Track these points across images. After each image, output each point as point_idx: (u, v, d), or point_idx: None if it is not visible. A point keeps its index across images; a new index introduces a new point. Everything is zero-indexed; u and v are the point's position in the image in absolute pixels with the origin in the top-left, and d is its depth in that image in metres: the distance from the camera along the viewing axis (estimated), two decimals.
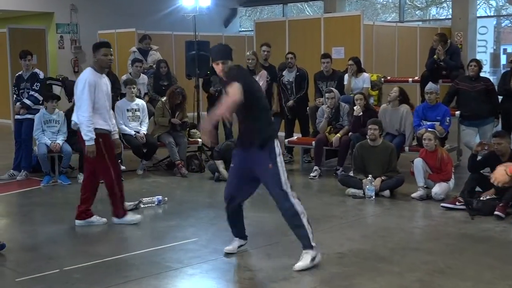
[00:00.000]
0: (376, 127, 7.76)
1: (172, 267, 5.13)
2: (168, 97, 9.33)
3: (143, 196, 7.42)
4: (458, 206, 6.83)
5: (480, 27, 17.11)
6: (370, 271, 4.96)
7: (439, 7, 22.59)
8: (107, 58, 6.29)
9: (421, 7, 22.58)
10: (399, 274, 4.88)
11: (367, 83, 9.67)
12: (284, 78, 9.90)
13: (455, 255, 5.35)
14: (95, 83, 6.16)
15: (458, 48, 10.65)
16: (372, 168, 7.70)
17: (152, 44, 12.03)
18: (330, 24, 12.30)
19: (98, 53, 6.31)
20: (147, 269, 5.08)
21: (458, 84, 8.97)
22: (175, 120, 9.27)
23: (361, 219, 6.74)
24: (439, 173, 7.48)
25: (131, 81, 9.52)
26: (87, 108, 6.09)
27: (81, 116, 6.15)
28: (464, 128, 8.99)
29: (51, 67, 15.70)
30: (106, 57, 6.29)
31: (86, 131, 6.11)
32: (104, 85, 6.33)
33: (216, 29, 19.31)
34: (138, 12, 18.39)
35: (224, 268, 5.17)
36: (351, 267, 5.07)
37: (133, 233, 6.22)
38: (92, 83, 6.15)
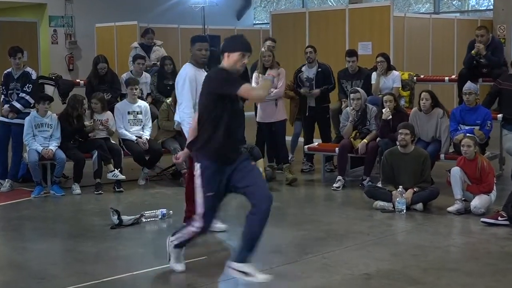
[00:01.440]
0: (407, 131, 7.75)
1: None
2: (174, 99, 9.35)
3: (146, 209, 7.44)
4: (501, 221, 6.80)
5: None
6: None
7: None
8: (200, 53, 6.67)
9: None
10: None
11: (398, 82, 9.65)
12: (303, 74, 9.89)
13: (498, 276, 5.33)
14: (195, 77, 6.52)
15: (501, 43, 10.62)
16: (403, 178, 7.68)
17: (156, 39, 12.09)
18: (356, 16, 12.30)
19: (193, 48, 6.73)
20: None
21: (501, 83, 8.94)
22: None
23: (390, 235, 6.72)
24: (479, 184, 7.44)
25: (133, 81, 9.58)
26: (187, 104, 6.48)
27: (182, 113, 6.51)
28: (506, 133, 8.95)
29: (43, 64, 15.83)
30: (200, 52, 6.68)
31: (187, 130, 6.27)
32: None
33: (227, 22, 19.37)
34: (140, 3, 18.50)
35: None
36: None
37: (134, 250, 6.25)
38: (193, 77, 6.55)
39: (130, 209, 7.54)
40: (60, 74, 11.15)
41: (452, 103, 11.89)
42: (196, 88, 6.38)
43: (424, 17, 15.17)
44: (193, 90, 6.47)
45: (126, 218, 7.03)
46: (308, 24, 12.84)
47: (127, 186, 8.95)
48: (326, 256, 5.86)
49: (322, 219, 7.26)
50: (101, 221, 7.20)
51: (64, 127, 8.84)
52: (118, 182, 8.81)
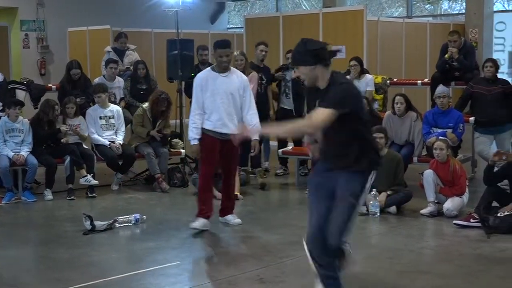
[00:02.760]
0: (381, 135, 7.79)
1: None
2: (151, 104, 9.30)
3: (119, 215, 7.40)
4: (473, 223, 6.86)
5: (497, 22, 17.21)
6: None
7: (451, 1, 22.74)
8: (221, 59, 6.79)
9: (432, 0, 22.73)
10: None
11: (371, 86, 9.71)
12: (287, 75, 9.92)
13: (470, 278, 5.38)
14: (203, 81, 6.81)
15: (473, 47, 10.73)
16: (377, 182, 7.71)
17: (129, 43, 12.03)
18: (330, 20, 12.36)
19: (215, 53, 6.86)
20: None
21: (473, 87, 9.03)
22: (155, 133, 9.26)
23: (364, 238, 6.75)
24: (451, 187, 7.51)
25: (99, 88, 9.45)
26: (192, 107, 6.89)
27: None
28: (478, 136, 9.04)
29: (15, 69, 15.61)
30: (221, 59, 6.79)
31: (189, 130, 6.85)
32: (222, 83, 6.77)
33: (201, 26, 19.35)
34: (113, 7, 18.41)
35: None
36: None
37: (107, 256, 6.21)
38: (199, 82, 6.85)
39: (103, 215, 7.49)
40: (31, 78, 11.06)
41: (425, 106, 11.99)
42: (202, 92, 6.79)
43: (397, 21, 15.28)
44: (198, 93, 6.84)
45: (99, 224, 6.98)
46: (282, 28, 12.88)
47: (100, 191, 8.90)
48: (300, 260, 5.85)
49: (296, 223, 7.27)
50: (74, 227, 7.14)
51: (36, 132, 8.77)
52: (91, 188, 8.75)
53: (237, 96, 6.85)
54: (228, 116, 6.80)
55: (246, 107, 6.90)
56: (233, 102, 6.83)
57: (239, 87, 6.86)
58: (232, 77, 6.88)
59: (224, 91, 6.79)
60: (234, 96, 6.83)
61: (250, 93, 6.99)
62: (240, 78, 6.94)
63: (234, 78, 6.90)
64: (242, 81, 6.94)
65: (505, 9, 19.77)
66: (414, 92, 11.85)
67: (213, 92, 6.78)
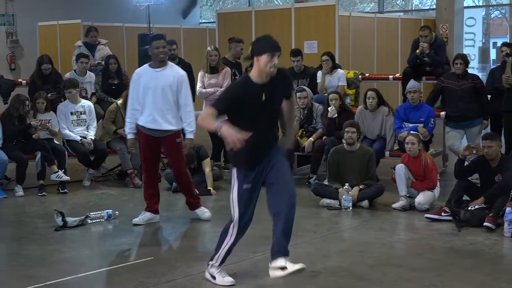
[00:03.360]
0: (353, 129, 7.84)
1: None
2: (125, 100, 9.25)
3: (91, 211, 7.36)
4: (444, 217, 6.93)
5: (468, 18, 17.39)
6: None
7: None
8: (158, 51, 6.65)
9: None
10: None
11: (343, 80, 9.76)
12: None
13: (441, 271, 5.43)
14: (137, 76, 6.76)
15: (444, 42, 10.81)
16: (349, 176, 7.77)
17: (100, 37, 11.96)
18: (302, 15, 12.38)
19: (151, 48, 6.70)
20: None
21: (444, 82, 9.11)
22: (122, 132, 9.19)
23: (337, 233, 6.80)
24: (423, 181, 7.58)
25: (69, 83, 9.36)
26: (128, 102, 6.89)
27: None
28: (449, 130, 9.12)
29: None
30: (157, 50, 6.65)
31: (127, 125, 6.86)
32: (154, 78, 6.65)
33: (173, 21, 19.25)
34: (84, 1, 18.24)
35: None
36: (326, 287, 5.12)
37: (79, 252, 6.18)
38: (134, 77, 6.81)
39: (75, 211, 7.45)
40: (1, 73, 10.94)
41: (397, 101, 12.07)
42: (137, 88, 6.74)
43: (369, 17, 15.36)
44: (133, 90, 6.79)
45: (71, 220, 6.93)
46: (254, 23, 12.87)
47: (72, 187, 8.83)
48: None
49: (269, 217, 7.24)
50: (45, 223, 7.09)
51: (6, 127, 8.68)
52: (62, 183, 8.68)
53: (169, 92, 6.65)
54: (159, 112, 6.66)
55: (182, 103, 6.71)
56: (164, 97, 6.65)
57: (172, 83, 6.66)
58: (166, 72, 6.70)
59: (156, 87, 6.63)
60: (166, 92, 6.65)
61: (186, 89, 6.74)
62: (175, 74, 6.74)
63: (169, 73, 6.71)
64: (177, 77, 6.72)
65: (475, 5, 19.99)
66: (386, 87, 11.94)
67: (145, 87, 6.67)
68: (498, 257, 5.94)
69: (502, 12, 22.63)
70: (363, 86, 10.24)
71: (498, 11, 22.99)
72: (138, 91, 6.71)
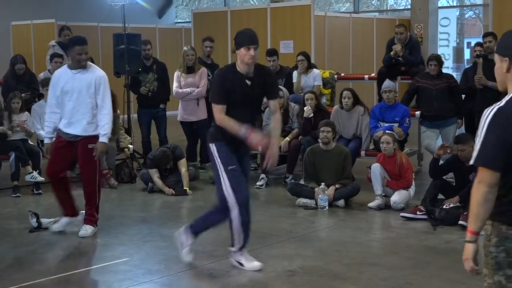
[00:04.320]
0: (329, 129, 7.86)
1: None
2: None
3: None
4: (419, 215, 6.98)
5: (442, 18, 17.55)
6: None
7: None
8: (80, 57, 6.45)
9: None
10: None
11: (318, 80, 9.79)
12: None
13: (417, 269, 5.47)
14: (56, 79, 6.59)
15: (418, 42, 10.90)
16: (325, 175, 7.79)
17: None
18: (278, 15, 12.41)
19: (73, 51, 6.51)
20: None
21: (418, 81, 9.17)
22: None
23: (313, 232, 6.81)
24: (398, 180, 7.62)
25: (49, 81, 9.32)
26: (47, 105, 6.80)
27: None
28: (424, 130, 9.19)
29: None
30: (80, 56, 6.45)
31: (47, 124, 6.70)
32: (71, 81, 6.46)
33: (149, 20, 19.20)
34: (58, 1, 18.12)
35: None
36: (303, 286, 5.12)
37: (54, 254, 6.13)
38: (53, 80, 6.65)
39: (49, 212, 7.37)
40: None
41: (372, 101, 12.15)
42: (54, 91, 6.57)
43: (344, 16, 15.44)
44: (51, 92, 6.66)
45: (46, 221, 6.88)
46: (230, 23, 12.87)
47: (46, 188, 8.72)
48: (250, 254, 5.88)
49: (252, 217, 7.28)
50: (20, 224, 7.02)
51: None
52: (37, 184, 8.60)
53: (86, 95, 6.45)
54: (75, 116, 6.47)
55: (99, 105, 6.48)
56: (81, 101, 6.45)
57: (89, 85, 6.44)
58: (84, 75, 6.47)
59: (72, 89, 6.44)
60: (82, 95, 6.45)
61: (104, 91, 6.50)
62: (94, 76, 6.49)
63: (87, 76, 6.48)
64: (95, 79, 6.48)
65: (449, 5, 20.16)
66: (361, 87, 12.00)
67: (62, 90, 6.47)
68: None
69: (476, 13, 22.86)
70: (339, 86, 10.29)
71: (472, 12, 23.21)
72: (56, 94, 6.51)
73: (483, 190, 2.88)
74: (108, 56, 12.16)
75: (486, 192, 2.88)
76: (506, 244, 2.91)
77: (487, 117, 2.94)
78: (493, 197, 2.88)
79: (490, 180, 2.87)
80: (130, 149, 9.74)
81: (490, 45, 8.72)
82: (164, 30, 18.18)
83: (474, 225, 2.93)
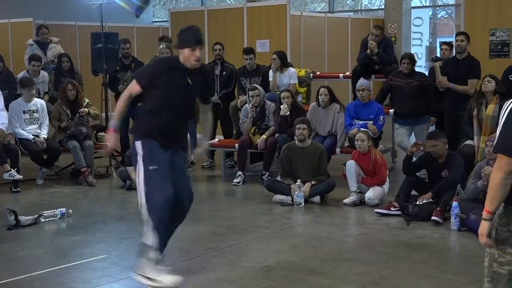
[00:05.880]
0: (304, 126, 7.88)
1: None
2: (60, 96, 9.28)
3: (44, 209, 7.25)
4: (393, 211, 7.03)
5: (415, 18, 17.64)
6: (299, 285, 5.03)
7: None
8: None
9: None
10: (331, 287, 4.97)
11: (294, 78, 9.80)
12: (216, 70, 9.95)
13: (391, 264, 5.51)
14: None
15: (391, 41, 10.96)
16: (301, 172, 7.82)
17: (52, 35, 11.78)
18: (254, 14, 12.40)
19: None
20: None
21: (392, 80, 9.22)
22: (65, 124, 9.12)
23: (289, 228, 6.83)
24: (372, 177, 7.67)
25: (28, 81, 9.24)
26: None
27: None
28: (398, 127, 9.25)
29: None
30: None
31: None
32: None
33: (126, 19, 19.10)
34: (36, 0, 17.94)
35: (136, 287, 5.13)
36: (279, 281, 5.13)
37: (32, 251, 6.08)
38: None
39: (28, 209, 7.33)
40: None
41: (347, 99, 12.19)
42: None
43: (319, 16, 15.46)
44: None
45: (24, 219, 6.83)
46: (207, 22, 12.84)
47: (25, 186, 8.69)
48: (227, 250, 5.90)
49: (223, 214, 7.29)
50: None
51: None
52: (15, 182, 8.53)
53: None
54: None
55: None
56: None
57: None
58: None
59: None
60: None
61: None
62: None
63: None
64: None
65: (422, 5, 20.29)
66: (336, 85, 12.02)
67: None
68: (445, 250, 6.05)
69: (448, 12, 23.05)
70: (315, 84, 10.32)
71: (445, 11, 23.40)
72: None
73: (500, 176, 3.13)
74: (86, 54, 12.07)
75: (502, 178, 3.13)
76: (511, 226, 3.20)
77: (507, 108, 3.16)
78: (508, 182, 3.14)
79: (507, 167, 3.11)
80: None
81: (461, 44, 8.79)
82: (142, 29, 18.08)
83: (490, 206, 3.21)
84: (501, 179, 3.12)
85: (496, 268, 3.25)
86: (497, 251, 3.24)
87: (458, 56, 8.85)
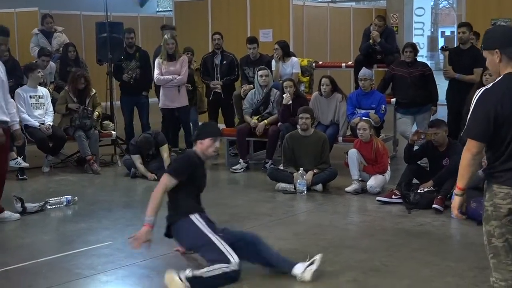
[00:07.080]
0: (308, 115, 7.87)
1: (83, 274, 5.07)
2: (69, 84, 9.24)
3: (50, 196, 7.27)
4: (395, 199, 7.03)
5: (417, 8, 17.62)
6: None
7: None
8: None
9: None
10: (332, 274, 4.99)
11: (296, 68, 9.77)
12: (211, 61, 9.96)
13: (391, 252, 5.52)
14: None
15: (393, 31, 10.92)
16: (304, 161, 7.82)
17: (57, 25, 11.77)
18: (257, 4, 12.37)
19: None
20: (55, 277, 5.00)
21: (394, 69, 9.21)
22: (73, 105, 9.12)
23: (292, 216, 6.84)
24: (374, 165, 7.67)
25: (33, 65, 9.26)
26: None
27: None
28: (400, 116, 9.25)
29: None
30: None
31: None
32: None
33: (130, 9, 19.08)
34: None
35: (141, 273, 5.15)
36: None
37: (38, 238, 6.10)
38: None
39: (34, 197, 7.35)
40: None
41: (349, 88, 12.18)
42: None
43: (322, 6, 15.43)
44: None
45: (30, 206, 6.85)
46: (210, 12, 12.82)
47: (31, 173, 8.71)
48: None
49: (226, 202, 7.30)
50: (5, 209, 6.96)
51: None
52: (21, 170, 8.54)
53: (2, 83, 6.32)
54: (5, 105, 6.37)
55: None
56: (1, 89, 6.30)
57: None
58: None
59: None
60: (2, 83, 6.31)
61: None
62: None
63: None
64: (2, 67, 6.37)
65: None
66: (339, 75, 12.02)
67: None
68: (445, 238, 6.06)
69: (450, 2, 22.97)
70: (317, 74, 10.30)
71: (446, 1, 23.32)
72: None
73: (468, 157, 3.48)
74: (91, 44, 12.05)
75: (470, 159, 3.48)
76: (494, 200, 3.45)
77: (476, 96, 3.44)
78: (475, 163, 3.48)
79: (474, 149, 3.45)
80: (113, 135, 9.70)
81: (463, 36, 8.77)
82: (146, 18, 18.07)
83: (461, 183, 3.57)
84: (470, 160, 3.47)
85: (495, 242, 3.48)
86: (491, 227, 3.48)
87: (462, 47, 8.82)
